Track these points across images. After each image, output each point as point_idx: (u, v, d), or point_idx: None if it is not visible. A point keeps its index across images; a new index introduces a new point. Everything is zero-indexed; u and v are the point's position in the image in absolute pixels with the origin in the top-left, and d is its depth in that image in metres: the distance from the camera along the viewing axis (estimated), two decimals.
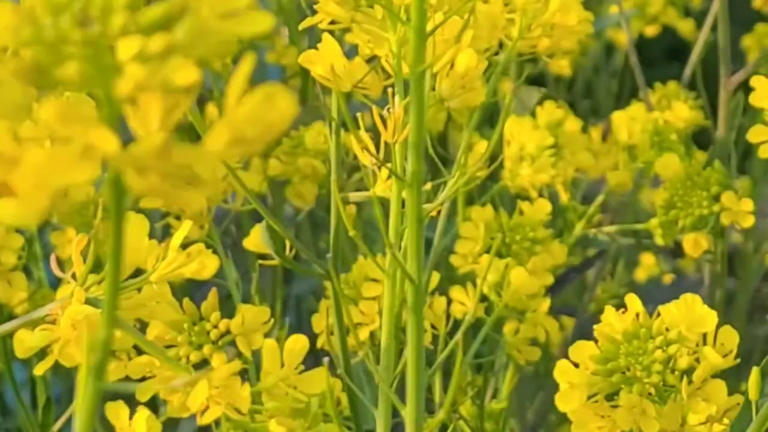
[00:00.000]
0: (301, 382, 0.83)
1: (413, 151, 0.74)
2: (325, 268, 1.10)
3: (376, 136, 0.91)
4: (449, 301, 1.26)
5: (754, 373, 0.88)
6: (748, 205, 1.23)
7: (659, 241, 1.34)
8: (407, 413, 0.81)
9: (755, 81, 1.09)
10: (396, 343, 0.87)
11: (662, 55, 2.68)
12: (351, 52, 0.95)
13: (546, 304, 1.22)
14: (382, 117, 0.88)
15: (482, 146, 1.36)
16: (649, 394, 0.87)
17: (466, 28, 0.88)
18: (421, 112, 0.74)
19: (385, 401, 0.85)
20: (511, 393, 1.57)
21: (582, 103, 2.14)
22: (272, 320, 0.98)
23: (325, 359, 0.84)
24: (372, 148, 0.89)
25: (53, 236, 1.36)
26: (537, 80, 2.08)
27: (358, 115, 0.92)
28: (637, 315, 0.89)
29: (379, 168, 0.88)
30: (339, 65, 0.90)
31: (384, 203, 0.96)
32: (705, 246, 1.24)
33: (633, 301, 0.89)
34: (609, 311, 0.90)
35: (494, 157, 1.34)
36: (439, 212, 1.18)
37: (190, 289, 1.27)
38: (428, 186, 0.94)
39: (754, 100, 1.10)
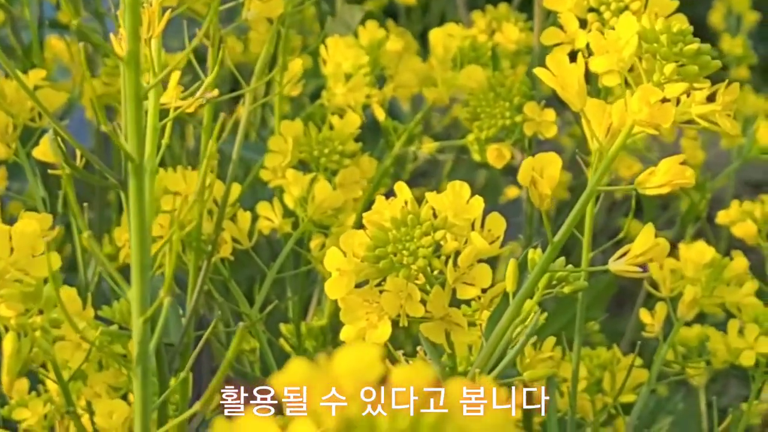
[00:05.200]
0: (32, 267, 0.82)
1: (128, 31, 0.74)
2: (118, 178, 1.09)
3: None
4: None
5: (512, 265, 0.90)
6: (550, 115, 1.24)
7: (476, 156, 1.35)
8: (132, 294, 0.81)
9: None
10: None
11: None
12: None
13: (352, 218, 1.23)
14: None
15: (297, 64, 1.35)
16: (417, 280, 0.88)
17: None
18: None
19: (138, 298, 0.83)
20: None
21: None
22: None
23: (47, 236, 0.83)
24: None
25: None
26: (388, 11, 2.09)
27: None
28: (406, 202, 0.89)
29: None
30: None
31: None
32: (508, 156, 1.25)
33: (402, 189, 0.90)
34: (379, 200, 0.90)
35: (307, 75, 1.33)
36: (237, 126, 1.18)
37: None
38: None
39: (548, 3, 1.10)
